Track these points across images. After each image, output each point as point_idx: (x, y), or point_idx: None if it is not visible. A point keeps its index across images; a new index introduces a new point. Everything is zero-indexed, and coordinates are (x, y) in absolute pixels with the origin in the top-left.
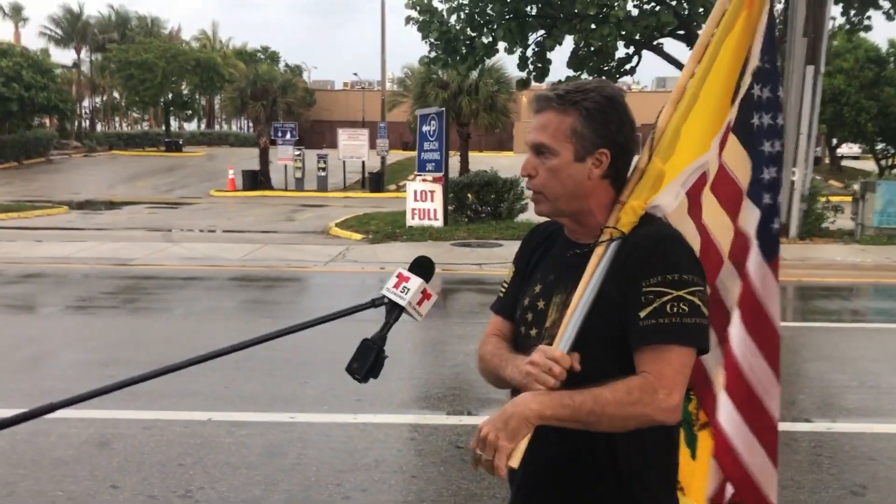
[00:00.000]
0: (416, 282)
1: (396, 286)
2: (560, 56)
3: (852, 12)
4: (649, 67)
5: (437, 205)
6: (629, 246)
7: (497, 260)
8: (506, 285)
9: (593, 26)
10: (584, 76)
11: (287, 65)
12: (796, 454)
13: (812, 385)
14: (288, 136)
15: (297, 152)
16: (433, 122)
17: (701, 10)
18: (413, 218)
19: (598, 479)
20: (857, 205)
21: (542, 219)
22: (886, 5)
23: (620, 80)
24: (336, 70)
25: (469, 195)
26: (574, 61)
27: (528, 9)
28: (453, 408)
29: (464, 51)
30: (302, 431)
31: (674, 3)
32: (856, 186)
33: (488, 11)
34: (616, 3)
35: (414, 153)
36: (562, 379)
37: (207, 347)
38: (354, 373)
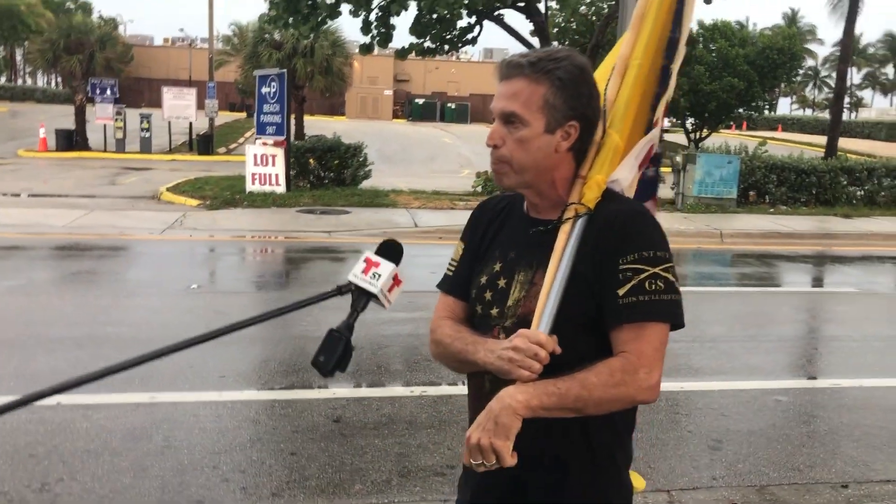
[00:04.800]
0: (387, 267)
1: (365, 272)
2: (402, 22)
3: None
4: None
5: (278, 170)
6: (600, 223)
7: (346, 227)
8: (454, 263)
9: None
10: (427, 43)
11: (101, 16)
12: (657, 413)
13: None
14: (107, 93)
15: (118, 111)
16: (273, 83)
17: None
18: (253, 183)
19: (572, 455)
20: (679, 175)
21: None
22: None
23: (461, 49)
24: (154, 25)
25: (311, 160)
26: (417, 28)
27: None
28: (324, 381)
29: (305, 11)
30: (166, 412)
31: None
32: (678, 158)
33: None
34: None
35: (242, 115)
36: (545, 363)
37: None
38: (321, 367)
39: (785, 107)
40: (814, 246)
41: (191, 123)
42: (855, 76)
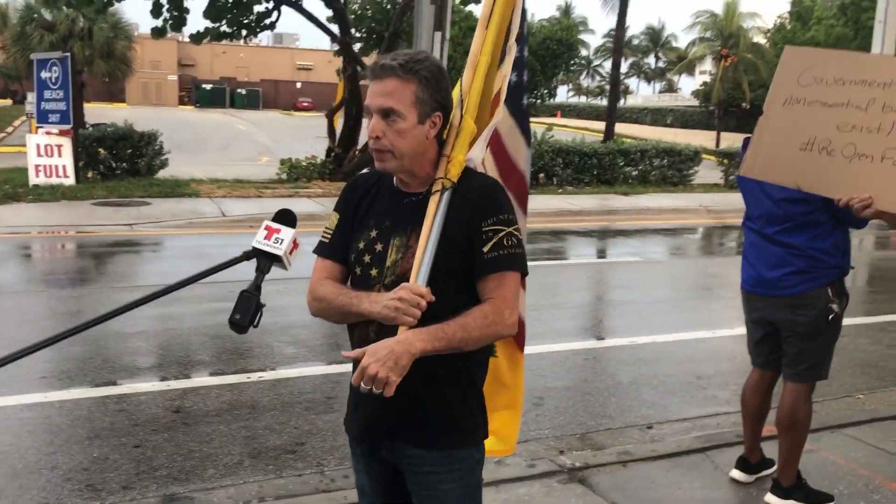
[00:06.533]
0: (288, 232)
1: (268, 237)
2: (196, 4)
3: None
4: None
5: (65, 160)
6: (464, 195)
7: (148, 219)
8: (329, 231)
9: None
10: (224, 28)
11: None
12: None
13: None
14: None
15: None
16: (55, 68)
17: None
18: (38, 175)
19: (444, 381)
20: None
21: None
22: None
23: (260, 34)
24: None
25: (101, 150)
26: (212, 11)
27: None
28: (155, 374)
29: None
30: None
31: None
32: None
33: None
34: None
35: (8, 102)
36: (424, 310)
37: None
38: (238, 323)
39: (562, 94)
40: (599, 222)
41: None
42: (622, 65)
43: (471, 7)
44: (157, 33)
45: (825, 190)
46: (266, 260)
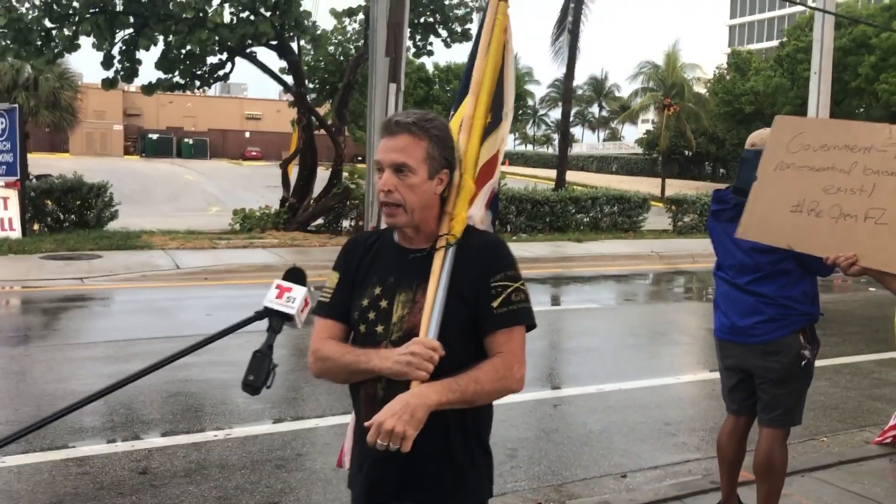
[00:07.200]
0: (300, 291)
1: (279, 297)
2: (147, 56)
3: (418, 37)
4: None
5: (12, 213)
6: (469, 251)
7: (100, 273)
8: (330, 290)
9: (188, 29)
10: (177, 79)
11: None
12: None
13: None
14: None
15: None
16: (2, 119)
17: (293, 22)
18: None
19: (450, 434)
20: None
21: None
22: (444, 34)
23: (213, 85)
24: None
25: (49, 202)
26: (164, 63)
27: (117, 3)
28: (117, 434)
29: (38, 43)
30: None
31: (268, 14)
32: None
33: (73, 3)
34: (213, 9)
35: None
36: (436, 364)
37: None
38: (251, 385)
39: (510, 142)
40: (554, 268)
41: None
42: None
43: (423, 59)
44: (108, 84)
45: (814, 249)
46: (278, 319)
